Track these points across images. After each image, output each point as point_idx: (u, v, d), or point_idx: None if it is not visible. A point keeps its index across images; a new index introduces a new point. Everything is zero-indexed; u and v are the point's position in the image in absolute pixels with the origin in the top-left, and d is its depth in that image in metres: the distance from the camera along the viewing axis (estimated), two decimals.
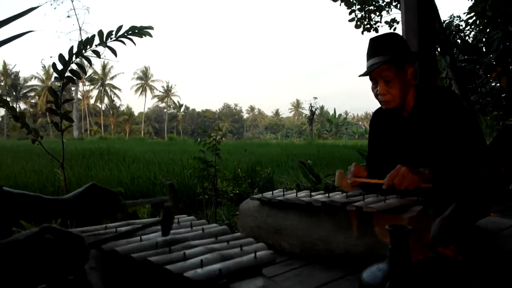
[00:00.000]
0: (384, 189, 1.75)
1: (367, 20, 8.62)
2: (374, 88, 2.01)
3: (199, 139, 3.72)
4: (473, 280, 1.45)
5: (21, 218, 1.31)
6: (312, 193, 1.90)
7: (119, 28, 2.54)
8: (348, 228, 1.60)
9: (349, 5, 8.37)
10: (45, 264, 1.00)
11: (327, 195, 1.83)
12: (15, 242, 0.98)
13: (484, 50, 7.57)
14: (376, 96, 2.01)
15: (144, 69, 74.61)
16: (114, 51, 2.60)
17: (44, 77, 63.76)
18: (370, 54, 1.97)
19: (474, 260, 1.62)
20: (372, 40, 2.00)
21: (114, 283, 1.25)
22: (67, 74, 2.57)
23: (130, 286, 1.20)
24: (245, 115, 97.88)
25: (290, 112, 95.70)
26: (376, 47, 1.96)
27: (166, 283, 1.10)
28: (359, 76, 2.02)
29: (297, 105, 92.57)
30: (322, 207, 1.68)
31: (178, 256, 1.11)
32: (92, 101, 70.99)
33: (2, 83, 61.45)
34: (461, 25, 8.23)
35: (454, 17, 8.50)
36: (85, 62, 2.72)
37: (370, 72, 1.95)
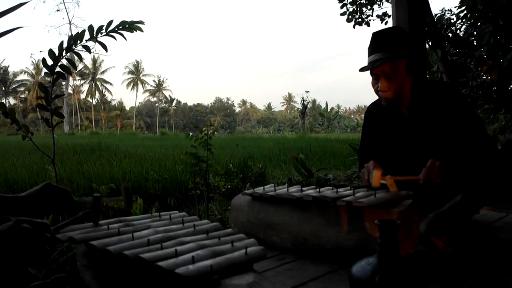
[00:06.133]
0: (420, 184, 1.76)
1: (358, 13, 8.62)
2: (374, 84, 1.99)
3: (191, 134, 3.72)
4: (462, 274, 1.47)
5: None
6: (303, 188, 1.91)
7: (110, 23, 2.52)
8: (339, 223, 1.61)
9: None
10: (28, 251, 1.11)
11: (318, 190, 1.83)
12: None
13: (475, 43, 7.60)
14: (377, 91, 1.99)
15: (135, 63, 74.14)
16: (104, 46, 2.58)
17: (33, 72, 63.14)
18: (372, 49, 1.94)
19: (463, 253, 1.64)
20: (374, 35, 1.97)
21: (107, 281, 1.25)
22: (57, 69, 2.54)
23: (123, 283, 1.20)
24: (237, 109, 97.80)
25: (282, 105, 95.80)
26: (378, 43, 1.93)
27: (158, 279, 1.10)
28: (360, 70, 1.99)
29: (289, 99, 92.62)
30: (313, 202, 1.69)
31: (169, 252, 1.11)
32: (83, 95, 70.58)
33: None
34: (452, 19, 8.25)
35: (445, 10, 8.53)
36: (76, 57, 2.70)
37: (371, 69, 1.94)
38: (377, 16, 8.68)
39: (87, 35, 2.53)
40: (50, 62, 2.51)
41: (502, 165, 1.85)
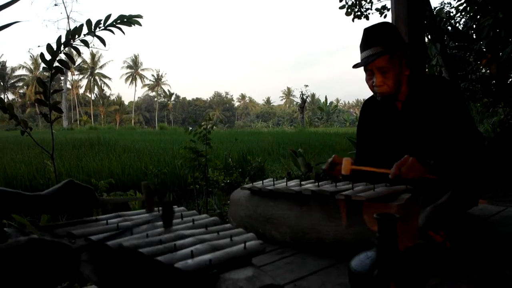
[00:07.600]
0: (390, 179, 1.74)
1: (357, 7, 8.59)
2: (369, 80, 1.98)
3: (190, 129, 3.72)
4: (460, 267, 1.47)
5: (1, 215, 1.30)
6: (302, 182, 1.91)
7: (108, 17, 2.51)
8: (338, 216, 1.61)
9: None
10: (36, 276, 0.96)
11: (316, 184, 1.83)
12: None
13: (474, 37, 7.59)
14: (372, 87, 1.99)
15: (134, 57, 73.85)
16: (102, 41, 2.57)
17: (32, 67, 62.91)
18: (365, 45, 1.94)
19: (462, 246, 1.65)
20: (366, 31, 1.96)
21: (106, 275, 1.25)
22: (56, 64, 2.53)
23: (122, 278, 1.21)
24: (236, 103, 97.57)
25: (281, 100, 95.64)
26: (371, 38, 1.93)
27: (158, 274, 1.11)
28: (353, 67, 1.99)
29: (288, 93, 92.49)
30: (312, 196, 1.70)
31: (168, 247, 1.11)
32: (81, 90, 70.35)
33: None
34: (452, 12, 8.24)
35: (444, 3, 8.52)
36: (74, 52, 2.69)
37: (365, 64, 1.94)
38: (376, 9, 8.65)
39: (85, 30, 2.51)
40: (48, 57, 2.50)
41: (496, 156, 1.84)
